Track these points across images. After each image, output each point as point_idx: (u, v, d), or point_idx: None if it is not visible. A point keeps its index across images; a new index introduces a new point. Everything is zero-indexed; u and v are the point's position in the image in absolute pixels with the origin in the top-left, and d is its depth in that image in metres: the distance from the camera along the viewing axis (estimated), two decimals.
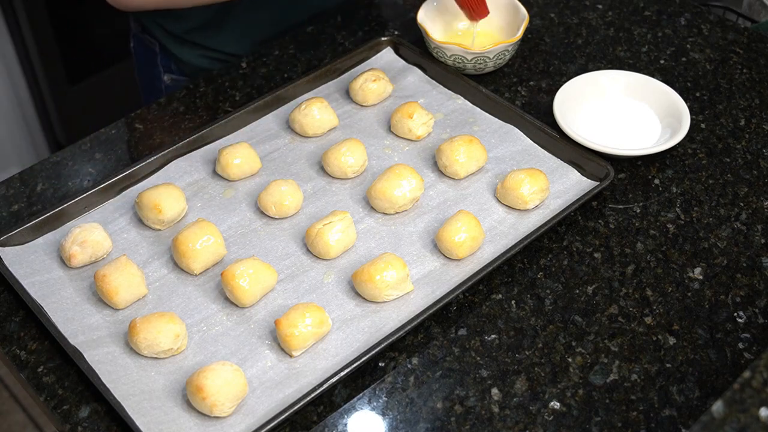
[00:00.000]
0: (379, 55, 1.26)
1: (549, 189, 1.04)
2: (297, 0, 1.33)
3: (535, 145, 1.12)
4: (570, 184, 1.07)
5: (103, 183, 1.06)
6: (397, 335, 0.90)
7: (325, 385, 0.86)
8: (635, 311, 0.95)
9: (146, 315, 0.91)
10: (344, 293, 0.96)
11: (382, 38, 1.26)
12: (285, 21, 1.35)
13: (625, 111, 1.17)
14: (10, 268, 0.98)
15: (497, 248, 1.00)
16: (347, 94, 1.21)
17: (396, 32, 1.32)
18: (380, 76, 1.18)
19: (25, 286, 0.96)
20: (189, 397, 0.85)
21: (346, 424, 0.87)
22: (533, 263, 1.00)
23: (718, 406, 0.67)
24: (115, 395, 0.86)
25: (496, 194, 1.05)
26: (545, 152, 1.11)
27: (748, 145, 1.13)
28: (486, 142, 1.11)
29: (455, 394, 0.88)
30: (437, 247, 1.00)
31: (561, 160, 1.09)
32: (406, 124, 1.12)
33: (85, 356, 0.89)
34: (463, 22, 1.29)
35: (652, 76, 1.21)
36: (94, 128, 1.21)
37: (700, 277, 0.98)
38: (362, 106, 1.19)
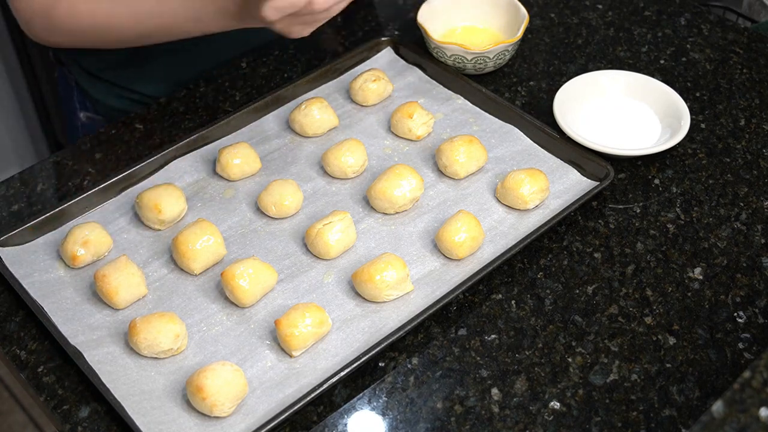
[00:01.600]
0: (379, 55, 1.26)
1: (549, 189, 1.04)
2: (219, 42, 1.22)
3: (535, 145, 1.12)
4: (570, 184, 1.07)
5: (103, 183, 1.06)
6: (397, 335, 0.90)
7: (325, 385, 0.86)
8: (635, 311, 0.95)
9: (146, 315, 0.91)
10: (344, 293, 0.96)
11: (382, 38, 1.26)
12: (206, 62, 1.28)
13: (625, 111, 1.17)
14: (10, 268, 0.98)
15: (497, 248, 1.00)
16: (347, 94, 1.21)
17: (396, 32, 1.32)
18: (380, 76, 1.18)
19: (25, 286, 0.96)
20: (189, 397, 0.85)
21: (346, 424, 0.87)
22: (533, 263, 1.00)
23: (718, 406, 0.67)
24: (115, 395, 0.86)
25: (496, 194, 1.05)
26: (545, 152, 1.11)
27: (748, 145, 1.13)
28: (486, 142, 1.11)
29: (455, 394, 0.88)
30: (437, 247, 1.00)
31: (561, 160, 1.09)
32: (406, 124, 1.12)
33: (85, 356, 0.89)
34: (463, 22, 1.29)
35: (652, 76, 1.21)
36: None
37: (700, 277, 0.98)
38: (362, 106, 1.19)
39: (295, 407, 0.84)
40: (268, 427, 0.83)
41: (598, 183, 1.04)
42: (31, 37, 1.17)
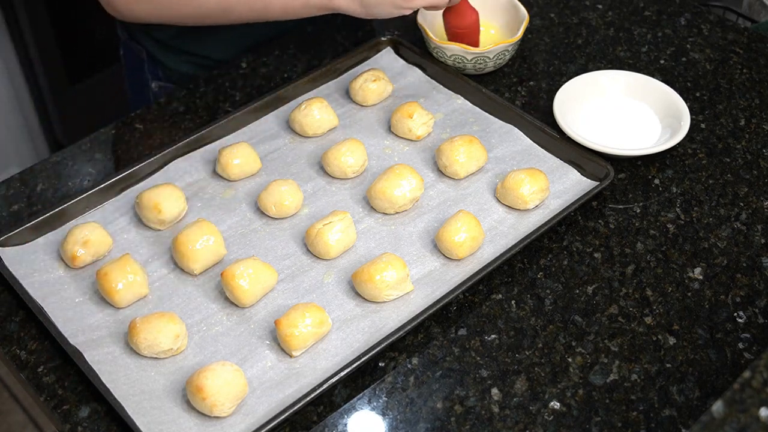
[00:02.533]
0: (379, 55, 1.26)
1: (549, 189, 1.04)
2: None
3: (535, 145, 1.12)
4: (570, 184, 1.07)
5: (103, 183, 1.06)
6: (397, 335, 0.90)
7: (325, 385, 0.86)
8: (635, 311, 0.95)
9: (146, 315, 0.91)
10: (344, 293, 0.96)
11: (382, 38, 1.26)
12: (274, 28, 1.32)
13: (625, 111, 1.17)
14: (10, 268, 0.98)
15: (497, 248, 1.00)
16: (347, 94, 1.21)
17: (396, 32, 1.32)
18: (380, 76, 1.18)
19: (25, 286, 0.96)
20: (189, 397, 0.85)
21: (346, 424, 0.87)
22: (533, 263, 1.00)
23: (718, 406, 0.67)
24: (115, 395, 0.86)
25: (496, 194, 1.05)
26: (545, 152, 1.11)
27: (748, 145, 1.13)
28: (486, 142, 1.11)
29: (455, 394, 0.88)
30: (437, 247, 1.00)
31: (561, 160, 1.09)
32: (406, 124, 1.12)
33: (85, 356, 0.89)
34: None
35: (652, 76, 1.21)
36: (94, 128, 1.21)
37: (700, 277, 0.98)
38: (362, 106, 1.19)
39: (295, 407, 0.84)
40: (268, 427, 0.83)
41: (598, 183, 1.04)
42: (109, 11, 1.20)
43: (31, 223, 1.02)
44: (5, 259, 0.99)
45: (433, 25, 1.25)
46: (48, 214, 1.03)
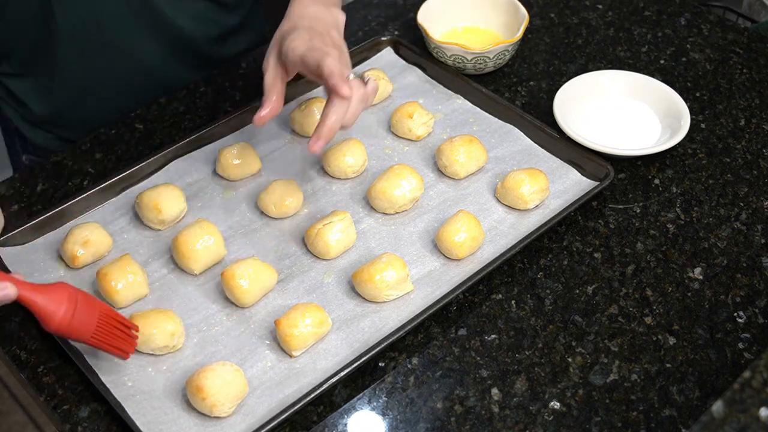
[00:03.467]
0: (379, 55, 1.26)
1: (549, 189, 1.04)
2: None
3: (535, 145, 1.12)
4: (570, 184, 1.07)
5: (103, 183, 1.06)
6: (397, 335, 0.90)
7: (325, 385, 0.86)
8: (635, 311, 0.95)
9: (143, 311, 0.91)
10: (344, 293, 0.96)
11: (382, 38, 1.26)
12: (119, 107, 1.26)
13: (625, 111, 1.17)
14: (10, 268, 0.98)
15: (497, 248, 1.00)
16: None
17: (396, 32, 1.32)
18: (380, 76, 1.18)
19: None
20: (189, 398, 0.85)
21: (346, 424, 0.87)
22: (533, 263, 1.00)
23: (718, 406, 0.67)
24: (115, 395, 0.86)
25: (496, 194, 1.05)
26: (545, 152, 1.11)
27: (748, 145, 1.13)
28: (486, 142, 1.11)
29: (455, 394, 0.88)
30: (437, 247, 1.00)
31: (561, 160, 1.09)
32: (406, 124, 1.12)
33: (84, 356, 0.89)
34: (463, 22, 1.29)
35: (652, 76, 1.21)
36: (94, 128, 1.20)
37: (700, 277, 0.98)
38: None
39: (295, 407, 0.84)
40: (268, 427, 0.83)
41: (598, 183, 1.04)
42: None
43: (31, 223, 1.02)
44: (5, 259, 0.99)
45: (433, 25, 1.25)
46: (48, 214, 1.03)
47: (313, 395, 0.85)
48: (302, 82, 1.19)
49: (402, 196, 1.02)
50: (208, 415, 0.85)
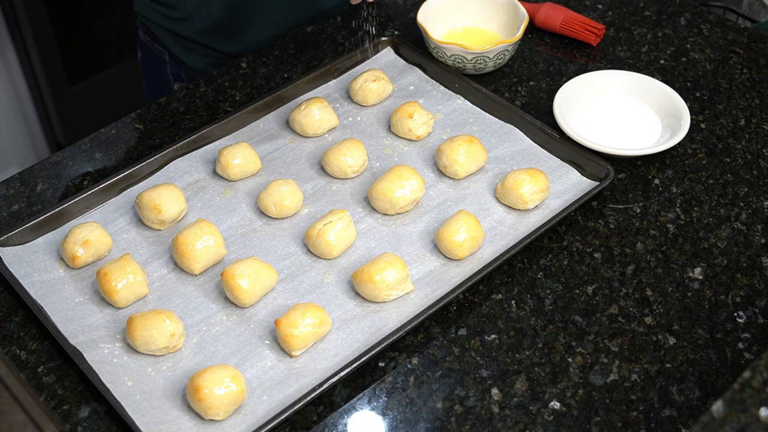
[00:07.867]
0: (379, 55, 1.26)
1: (549, 189, 1.04)
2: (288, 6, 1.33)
3: (535, 145, 1.12)
4: (570, 184, 1.07)
5: (103, 183, 1.06)
6: (397, 335, 0.90)
7: (325, 385, 0.86)
8: (635, 311, 0.95)
9: (143, 312, 0.91)
10: (344, 293, 0.96)
11: (382, 38, 1.26)
12: (279, 26, 1.35)
13: (625, 111, 1.17)
14: (10, 268, 0.98)
15: (497, 248, 1.00)
16: (347, 94, 1.21)
17: (396, 32, 1.32)
18: (380, 76, 1.18)
19: (25, 286, 0.96)
20: (188, 397, 0.85)
21: (346, 424, 0.87)
22: (533, 263, 1.00)
23: (718, 406, 0.67)
24: (115, 395, 0.86)
25: (496, 194, 1.05)
26: (545, 152, 1.11)
27: (748, 145, 1.13)
28: (486, 142, 1.11)
29: (455, 394, 0.88)
30: (437, 247, 1.00)
31: (561, 160, 1.09)
32: (406, 124, 1.12)
33: (85, 356, 0.89)
34: (463, 22, 1.29)
35: (652, 76, 1.21)
36: (94, 128, 1.20)
37: (700, 277, 0.98)
38: (362, 106, 1.19)
39: (295, 407, 0.84)
40: (268, 427, 0.83)
41: (598, 183, 1.04)
42: None
43: (31, 223, 1.02)
44: (5, 259, 0.99)
45: (433, 25, 1.25)
46: (48, 214, 1.03)
47: (313, 395, 0.85)
48: (302, 82, 1.19)
49: (403, 197, 1.02)
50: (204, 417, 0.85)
